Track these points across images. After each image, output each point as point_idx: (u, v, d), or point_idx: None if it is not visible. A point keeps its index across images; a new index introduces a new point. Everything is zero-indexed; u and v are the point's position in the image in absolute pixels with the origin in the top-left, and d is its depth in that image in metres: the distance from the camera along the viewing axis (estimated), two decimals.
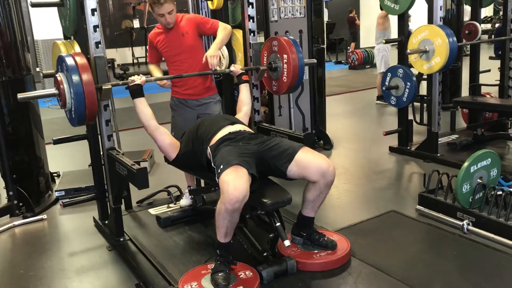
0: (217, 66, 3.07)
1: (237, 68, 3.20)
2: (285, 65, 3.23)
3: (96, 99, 2.60)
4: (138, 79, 2.81)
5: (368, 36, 16.89)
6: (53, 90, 2.65)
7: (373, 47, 7.49)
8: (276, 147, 2.59)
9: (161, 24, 3.24)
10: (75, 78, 2.50)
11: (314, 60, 3.59)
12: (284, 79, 3.26)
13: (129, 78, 2.82)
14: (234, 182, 2.27)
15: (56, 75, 2.62)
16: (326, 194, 2.61)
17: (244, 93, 3.20)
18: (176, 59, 3.26)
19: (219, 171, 2.39)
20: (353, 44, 14.80)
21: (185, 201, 3.48)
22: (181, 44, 3.24)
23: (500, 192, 3.04)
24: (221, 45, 3.24)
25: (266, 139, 2.70)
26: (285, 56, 3.21)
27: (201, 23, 3.28)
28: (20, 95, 2.65)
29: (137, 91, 2.81)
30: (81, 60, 2.58)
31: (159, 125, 2.80)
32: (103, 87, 2.77)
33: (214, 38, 3.25)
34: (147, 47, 3.43)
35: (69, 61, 2.55)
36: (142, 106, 2.80)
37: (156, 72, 3.33)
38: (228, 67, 3.35)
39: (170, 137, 2.84)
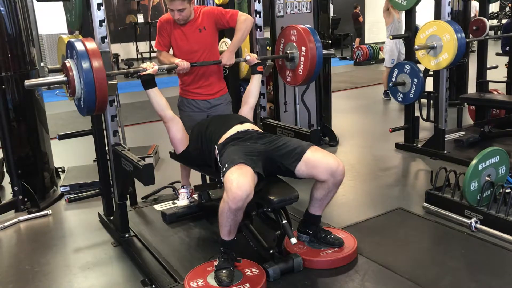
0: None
1: (252, 57, 3.13)
2: (302, 57, 3.12)
3: (106, 87, 2.43)
4: (150, 68, 2.71)
5: (373, 31, 16.84)
6: (61, 77, 2.50)
7: (378, 43, 7.47)
8: (284, 146, 2.57)
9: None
10: (85, 64, 2.34)
11: (332, 51, 3.44)
12: (300, 71, 3.17)
13: (141, 65, 2.69)
14: (238, 181, 2.25)
15: (65, 61, 2.48)
16: (334, 193, 2.59)
17: (255, 84, 3.14)
18: (189, 57, 3.02)
19: (224, 169, 2.38)
20: (357, 40, 14.73)
21: (183, 201, 3.40)
22: (198, 41, 3.05)
23: (508, 190, 3.01)
24: (238, 45, 3.12)
25: (274, 138, 2.68)
26: (303, 48, 3.08)
27: (219, 16, 3.06)
28: (27, 82, 2.51)
29: (149, 82, 2.72)
30: (92, 45, 2.42)
31: (175, 115, 2.78)
32: (108, 82, 2.74)
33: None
34: (157, 32, 3.12)
35: (79, 46, 2.38)
36: (157, 96, 2.73)
37: (172, 58, 3.02)
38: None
39: (183, 130, 2.84)
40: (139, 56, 13.30)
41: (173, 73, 3.14)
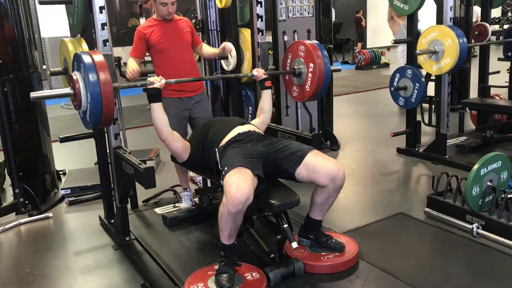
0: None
1: (260, 72, 3.05)
2: (310, 74, 3.06)
3: (113, 100, 2.41)
4: (157, 82, 2.68)
5: (375, 36, 16.87)
6: (67, 90, 2.48)
7: (380, 47, 7.48)
8: (284, 149, 2.56)
9: (160, 14, 3.22)
10: (92, 77, 2.32)
11: (339, 67, 3.38)
12: (307, 87, 3.10)
13: (148, 79, 2.68)
14: (237, 184, 2.24)
15: (72, 73, 2.47)
16: (335, 198, 2.58)
17: (266, 100, 3.07)
18: (169, 53, 3.23)
19: (223, 173, 2.37)
20: (359, 44, 14.74)
21: (186, 203, 3.42)
22: (180, 38, 3.27)
23: (510, 196, 3.00)
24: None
25: (275, 140, 2.68)
26: (311, 64, 3.03)
27: (194, 30, 3.45)
28: (32, 94, 2.48)
29: (155, 96, 2.67)
30: (99, 58, 2.41)
31: (172, 131, 2.75)
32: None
33: None
34: (134, 40, 3.24)
35: (86, 59, 2.37)
36: (159, 111, 2.69)
37: (133, 64, 3.17)
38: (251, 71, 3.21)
39: (182, 141, 2.82)
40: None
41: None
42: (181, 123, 3.33)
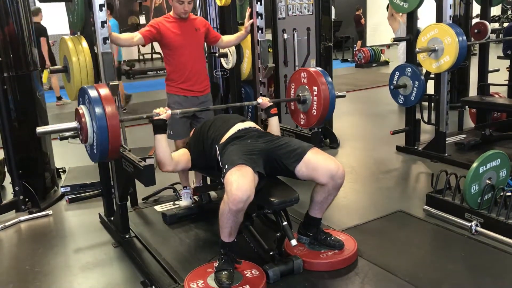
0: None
1: (265, 100, 3.02)
2: (315, 98, 3.05)
3: (120, 134, 2.40)
4: (163, 113, 2.63)
5: (375, 34, 16.85)
6: (74, 124, 2.48)
7: (380, 45, 7.49)
8: (285, 146, 2.57)
9: (176, 12, 3.21)
10: (98, 111, 2.31)
11: (344, 93, 3.35)
12: (314, 112, 3.09)
13: (154, 110, 2.64)
14: (238, 182, 2.25)
15: (78, 107, 2.48)
16: (334, 196, 2.59)
17: (274, 126, 3.03)
18: (183, 52, 3.23)
19: (224, 170, 2.38)
20: (359, 42, 14.73)
21: (185, 201, 3.43)
22: (194, 38, 3.27)
23: (509, 193, 3.01)
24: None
25: (275, 137, 2.69)
26: (315, 88, 3.02)
27: (210, 27, 3.43)
28: (39, 129, 2.48)
29: (161, 127, 2.61)
30: (105, 91, 2.40)
31: (173, 157, 2.70)
32: (110, 83, 2.75)
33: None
34: (148, 25, 3.21)
35: (92, 93, 2.37)
36: (164, 143, 2.62)
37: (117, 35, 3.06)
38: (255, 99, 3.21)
39: (182, 159, 2.76)
40: (141, 57, 13.32)
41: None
42: (183, 124, 3.31)
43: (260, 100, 3.03)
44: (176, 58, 3.26)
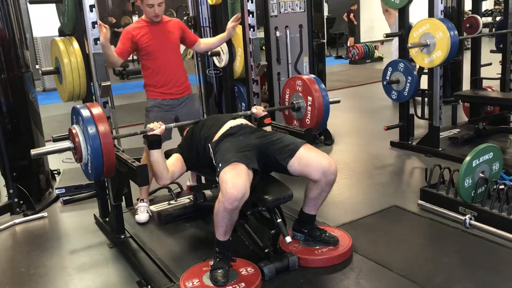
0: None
1: (259, 110, 2.99)
2: (309, 107, 3.08)
3: (114, 152, 2.41)
4: (157, 128, 2.60)
5: (369, 30, 16.86)
6: (68, 144, 2.49)
7: (373, 42, 7.50)
8: (277, 142, 2.57)
9: (148, 16, 3.22)
10: (91, 130, 2.33)
11: (338, 99, 3.37)
12: (308, 121, 3.13)
13: (147, 126, 2.64)
14: (233, 181, 2.25)
15: (71, 127, 2.49)
16: (327, 192, 2.60)
17: None
18: (158, 56, 3.23)
19: (218, 169, 2.38)
20: (352, 39, 14.72)
21: (142, 216, 3.30)
22: (167, 41, 3.26)
23: (502, 186, 3.02)
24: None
25: (268, 133, 2.70)
26: (309, 98, 3.06)
27: (186, 29, 3.42)
28: (33, 152, 2.48)
29: (155, 143, 2.57)
30: (97, 111, 2.42)
31: (169, 170, 2.64)
32: (102, 84, 2.75)
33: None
34: (120, 39, 3.22)
35: (85, 112, 2.38)
36: (160, 158, 2.58)
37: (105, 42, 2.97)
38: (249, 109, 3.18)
39: (177, 167, 2.71)
40: (135, 57, 13.26)
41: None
42: (167, 123, 3.29)
43: (254, 110, 3.00)
44: (151, 62, 3.27)
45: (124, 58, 3.21)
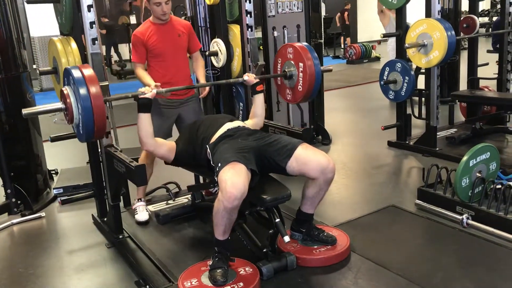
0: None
1: (251, 77, 2.99)
2: (300, 74, 3.04)
3: (105, 113, 2.42)
4: (148, 92, 2.62)
5: (366, 30, 16.87)
6: (59, 105, 2.49)
7: (370, 41, 7.51)
8: (275, 143, 2.58)
9: (156, 15, 3.21)
10: (82, 91, 2.33)
11: (331, 67, 3.37)
12: (300, 88, 3.09)
13: (139, 89, 2.65)
14: (232, 180, 2.26)
15: (63, 88, 2.49)
16: (325, 191, 2.60)
17: (258, 105, 3.02)
18: (165, 58, 3.23)
19: (217, 169, 2.38)
20: (348, 39, 14.71)
21: (141, 215, 3.29)
22: (176, 43, 3.25)
23: (499, 186, 3.03)
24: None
25: (265, 135, 2.70)
26: (300, 64, 3.02)
27: (193, 34, 3.41)
28: (24, 111, 2.49)
29: (145, 106, 2.62)
30: (89, 72, 2.42)
31: (156, 139, 2.72)
32: (100, 84, 2.73)
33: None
34: (132, 46, 3.27)
35: (76, 73, 2.38)
36: (146, 122, 2.63)
37: (149, 78, 3.16)
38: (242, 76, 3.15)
39: (165, 144, 2.79)
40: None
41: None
42: (165, 122, 3.33)
43: (246, 77, 3.00)
44: (157, 63, 3.26)
45: (144, 62, 3.26)
